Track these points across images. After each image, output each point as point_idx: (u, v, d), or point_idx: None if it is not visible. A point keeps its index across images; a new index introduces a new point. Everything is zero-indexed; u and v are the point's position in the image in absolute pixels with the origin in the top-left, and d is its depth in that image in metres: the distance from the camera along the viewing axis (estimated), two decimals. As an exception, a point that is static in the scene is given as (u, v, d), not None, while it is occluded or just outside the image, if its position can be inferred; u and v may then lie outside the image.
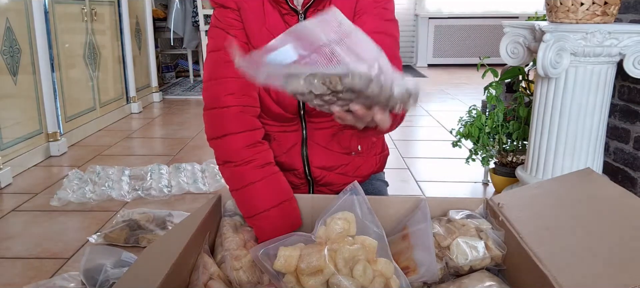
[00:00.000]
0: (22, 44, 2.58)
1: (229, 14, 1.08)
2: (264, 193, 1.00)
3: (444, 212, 1.03)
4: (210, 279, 0.84)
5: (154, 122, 3.75)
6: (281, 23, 1.08)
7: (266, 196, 1.00)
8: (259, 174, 1.02)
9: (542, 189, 1.00)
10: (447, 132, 3.28)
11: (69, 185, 2.24)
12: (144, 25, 4.39)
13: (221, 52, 1.08)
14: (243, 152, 1.03)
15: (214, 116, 1.06)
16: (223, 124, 1.04)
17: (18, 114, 2.57)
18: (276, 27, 1.08)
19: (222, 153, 1.05)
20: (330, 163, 1.16)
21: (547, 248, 0.81)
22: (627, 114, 1.86)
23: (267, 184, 1.01)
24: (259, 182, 1.01)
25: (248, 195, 1.01)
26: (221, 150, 1.06)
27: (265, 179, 1.02)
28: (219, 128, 1.05)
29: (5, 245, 1.75)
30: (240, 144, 1.03)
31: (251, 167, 1.02)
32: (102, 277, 1.37)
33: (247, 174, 1.02)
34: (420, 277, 0.86)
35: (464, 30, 6.75)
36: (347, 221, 0.84)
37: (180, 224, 0.93)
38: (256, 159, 1.03)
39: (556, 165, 1.70)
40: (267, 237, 0.97)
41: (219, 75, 1.06)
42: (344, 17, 0.67)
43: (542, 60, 1.55)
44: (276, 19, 1.08)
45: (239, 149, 1.03)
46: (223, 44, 1.08)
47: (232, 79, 1.06)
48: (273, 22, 1.08)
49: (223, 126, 1.04)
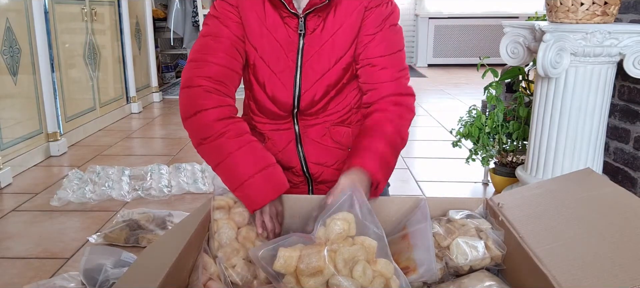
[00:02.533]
0: (22, 44, 2.58)
1: (226, 7, 1.10)
2: (244, 161, 1.00)
3: (444, 212, 1.03)
4: (210, 279, 0.84)
5: (154, 122, 3.75)
6: (281, 24, 1.10)
7: (247, 164, 0.99)
8: (235, 144, 1.01)
9: (542, 189, 1.00)
10: (447, 132, 3.28)
11: (69, 185, 2.24)
12: (144, 25, 4.39)
13: (208, 38, 1.09)
14: (216, 125, 1.02)
15: (186, 95, 1.05)
16: (195, 101, 1.03)
17: (18, 113, 2.57)
18: (276, 28, 1.10)
19: (197, 132, 1.04)
20: (325, 158, 1.18)
21: (546, 248, 0.81)
22: (627, 114, 1.86)
23: (246, 152, 1.01)
24: (236, 151, 1.00)
25: (229, 166, 1.00)
26: (195, 128, 1.04)
27: (242, 148, 1.01)
28: (191, 106, 1.04)
29: (5, 245, 1.75)
30: (212, 118, 1.02)
31: (226, 138, 1.01)
32: (102, 277, 1.37)
33: (224, 146, 1.01)
34: (420, 277, 0.86)
35: (464, 30, 6.75)
36: (346, 221, 0.84)
37: (180, 224, 0.93)
38: (230, 130, 1.02)
39: (556, 165, 1.70)
40: (256, 206, 0.98)
41: (199, 58, 1.07)
42: None
43: (542, 60, 1.55)
44: (276, 20, 1.10)
45: (211, 122, 1.02)
46: (215, 31, 1.09)
47: (211, 64, 1.06)
48: (272, 23, 1.10)
49: (195, 103, 1.03)
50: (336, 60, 1.12)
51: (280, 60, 1.11)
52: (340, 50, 1.11)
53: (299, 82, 1.12)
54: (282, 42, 1.10)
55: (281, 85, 1.12)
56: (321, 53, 1.11)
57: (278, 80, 1.12)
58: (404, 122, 1.12)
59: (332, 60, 1.12)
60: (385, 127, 1.08)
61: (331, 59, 1.12)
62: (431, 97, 4.67)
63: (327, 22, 1.10)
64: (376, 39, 1.12)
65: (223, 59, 1.07)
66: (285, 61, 1.11)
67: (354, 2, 1.10)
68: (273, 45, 1.10)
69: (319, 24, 1.10)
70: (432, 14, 6.76)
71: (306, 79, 1.12)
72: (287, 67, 1.11)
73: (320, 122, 1.18)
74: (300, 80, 1.12)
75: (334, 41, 1.11)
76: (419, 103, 4.37)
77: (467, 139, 2.20)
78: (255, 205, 0.98)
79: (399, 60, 1.14)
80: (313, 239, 0.84)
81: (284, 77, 1.12)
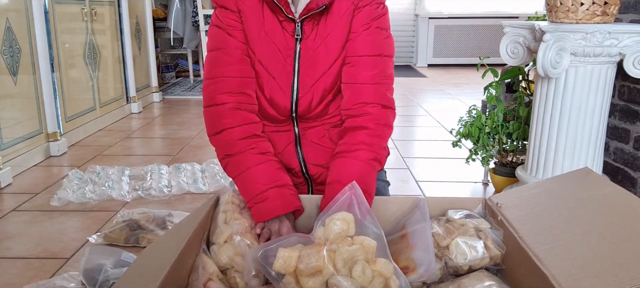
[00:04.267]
0: (22, 43, 2.58)
1: (229, 15, 1.10)
2: (261, 175, 1.03)
3: (443, 212, 1.03)
4: (210, 280, 0.84)
5: (154, 122, 3.75)
6: (279, 29, 1.10)
7: (264, 178, 1.03)
8: (257, 159, 1.05)
9: (541, 189, 1.00)
10: (447, 132, 3.28)
11: (69, 185, 2.25)
12: (144, 25, 4.39)
13: (219, 52, 1.10)
14: (240, 144, 1.06)
15: (211, 113, 1.10)
16: (220, 120, 1.08)
17: (18, 113, 2.57)
18: (274, 32, 1.10)
19: (222, 148, 1.09)
20: (325, 160, 1.18)
21: (546, 247, 0.81)
22: (627, 114, 1.86)
23: (266, 168, 1.05)
24: (256, 166, 1.04)
25: (247, 179, 1.04)
26: (220, 145, 1.09)
27: (263, 164, 1.05)
28: (216, 124, 1.09)
29: (5, 245, 1.75)
30: (237, 136, 1.07)
31: (250, 154, 1.06)
32: (102, 277, 1.37)
33: (246, 160, 1.05)
34: (419, 276, 0.86)
35: (464, 30, 6.75)
36: (345, 221, 0.84)
37: (180, 224, 0.94)
38: (254, 148, 1.06)
39: (556, 165, 1.70)
40: (262, 218, 1.01)
41: (216, 74, 1.10)
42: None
43: (542, 60, 1.55)
44: (274, 24, 1.10)
45: (236, 141, 1.06)
46: (222, 44, 1.09)
47: (228, 78, 1.09)
48: (271, 27, 1.10)
49: (220, 122, 1.08)
50: (330, 64, 1.11)
51: (279, 65, 1.11)
52: (333, 54, 1.11)
53: (296, 87, 1.12)
54: (280, 47, 1.10)
55: (279, 90, 1.12)
56: (316, 58, 1.11)
57: (276, 84, 1.12)
58: (382, 144, 1.11)
59: (327, 64, 1.11)
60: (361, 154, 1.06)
61: (325, 63, 1.11)
62: (431, 97, 4.67)
63: (320, 26, 1.10)
64: (361, 36, 1.10)
65: (238, 71, 1.09)
66: (283, 66, 1.11)
67: (345, 3, 1.10)
68: (272, 50, 1.10)
69: (314, 28, 1.10)
70: (432, 14, 6.76)
71: (303, 84, 1.12)
72: (285, 72, 1.11)
73: (319, 124, 1.18)
74: (297, 85, 1.12)
75: (328, 45, 1.10)
76: (419, 103, 4.37)
77: (467, 139, 2.20)
78: (260, 218, 1.01)
79: (383, 65, 1.12)
80: (312, 239, 0.85)
81: (281, 81, 1.12)
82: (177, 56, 5.76)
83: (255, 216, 1.02)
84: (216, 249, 0.92)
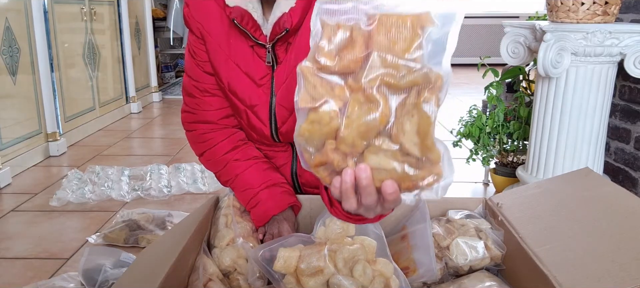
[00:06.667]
0: (22, 43, 2.58)
1: (195, 42, 1.04)
2: (250, 179, 1.03)
3: (443, 212, 1.03)
4: (210, 280, 0.84)
5: (154, 122, 3.75)
6: (250, 55, 1.00)
7: (252, 181, 1.03)
8: (243, 166, 1.05)
9: (541, 189, 1.00)
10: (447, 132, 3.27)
11: (68, 186, 2.24)
12: (143, 25, 4.39)
13: (193, 83, 1.06)
14: (227, 156, 1.06)
15: (194, 137, 1.10)
16: (204, 140, 1.08)
17: (17, 113, 2.57)
18: (246, 61, 1.00)
19: (212, 165, 1.09)
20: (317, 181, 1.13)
21: (546, 247, 0.81)
22: (627, 114, 1.86)
23: (253, 172, 1.04)
24: (244, 172, 1.04)
25: (238, 186, 1.04)
26: (210, 163, 1.09)
27: (250, 168, 1.05)
28: (200, 146, 1.09)
29: (5, 245, 1.75)
30: (221, 152, 1.07)
31: (236, 164, 1.06)
32: (101, 278, 1.37)
33: (234, 169, 1.05)
34: (419, 277, 0.86)
35: (464, 30, 6.74)
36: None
37: (180, 224, 0.93)
38: (239, 158, 1.06)
39: (557, 165, 1.70)
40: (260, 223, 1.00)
41: (194, 107, 1.07)
42: None
43: (542, 60, 1.54)
44: (245, 51, 1.00)
45: (221, 156, 1.07)
46: (195, 75, 1.05)
47: (207, 112, 1.07)
48: (241, 56, 1.00)
49: (205, 141, 1.08)
50: None
51: (253, 95, 1.02)
52: None
53: (274, 116, 1.02)
54: (253, 76, 1.00)
55: (257, 120, 1.04)
56: (292, 83, 0.98)
57: (253, 115, 1.04)
58: None
59: None
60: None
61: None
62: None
63: (294, 47, 0.97)
64: None
65: (214, 103, 1.06)
66: (258, 96, 1.01)
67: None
68: (243, 81, 1.01)
69: (287, 50, 0.98)
70: (432, 14, 6.76)
71: (281, 113, 1.02)
72: (261, 102, 1.02)
73: None
74: (275, 114, 1.02)
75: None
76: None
77: (468, 139, 2.20)
78: (259, 221, 1.01)
79: None
80: (313, 239, 0.84)
81: (259, 111, 1.03)
82: (176, 56, 5.76)
83: (255, 220, 1.02)
84: (218, 252, 0.91)
